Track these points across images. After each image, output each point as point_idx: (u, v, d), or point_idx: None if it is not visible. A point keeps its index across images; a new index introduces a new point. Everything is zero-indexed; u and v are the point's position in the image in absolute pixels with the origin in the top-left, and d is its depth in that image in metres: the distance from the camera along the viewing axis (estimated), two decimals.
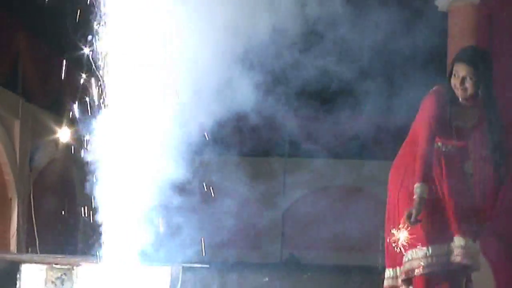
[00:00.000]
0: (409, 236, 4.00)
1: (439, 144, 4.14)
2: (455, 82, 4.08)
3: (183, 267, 5.01)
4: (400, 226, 4.01)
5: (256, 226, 10.95)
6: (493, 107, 4.14)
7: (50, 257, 5.21)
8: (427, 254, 4.01)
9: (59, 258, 5.16)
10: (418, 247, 4.04)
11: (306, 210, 11.31)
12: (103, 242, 5.03)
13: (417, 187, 3.99)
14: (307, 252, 11.19)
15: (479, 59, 4.08)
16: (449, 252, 4.03)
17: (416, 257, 4.03)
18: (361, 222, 11.19)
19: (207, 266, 5.74)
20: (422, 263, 3.99)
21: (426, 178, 4.02)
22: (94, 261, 4.80)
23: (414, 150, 4.18)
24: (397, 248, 4.04)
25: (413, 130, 4.29)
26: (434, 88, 4.18)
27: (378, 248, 10.46)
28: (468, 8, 7.07)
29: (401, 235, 4.00)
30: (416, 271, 4.00)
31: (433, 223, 4.06)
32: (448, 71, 4.17)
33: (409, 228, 3.99)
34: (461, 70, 4.05)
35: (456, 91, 4.08)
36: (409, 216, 3.97)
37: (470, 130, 4.16)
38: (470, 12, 7.07)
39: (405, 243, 4.04)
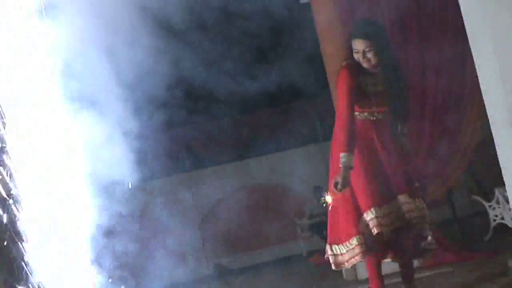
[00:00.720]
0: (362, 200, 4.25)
1: (366, 114, 4.42)
2: (357, 56, 4.39)
3: None
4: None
5: (175, 245, 11.02)
6: (394, 69, 4.46)
7: None
8: (380, 214, 4.26)
9: None
10: (365, 213, 4.29)
11: (222, 216, 11.47)
12: None
13: (342, 156, 4.23)
14: (232, 257, 11.37)
15: (371, 30, 4.41)
16: (398, 210, 4.30)
17: (370, 219, 4.28)
18: (275, 213, 11.52)
19: None
20: (377, 223, 4.25)
21: (351, 148, 4.27)
22: None
23: None
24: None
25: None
26: (343, 64, 4.46)
27: (298, 236, 10.87)
28: None
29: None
30: (375, 230, 4.25)
31: (380, 186, 4.32)
32: (348, 48, 4.47)
33: (361, 191, 4.26)
34: (359, 45, 4.37)
35: (361, 64, 4.39)
36: (335, 184, 4.24)
37: (384, 93, 4.46)
38: None
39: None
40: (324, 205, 4.42)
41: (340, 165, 4.25)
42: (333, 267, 4.61)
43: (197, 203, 11.65)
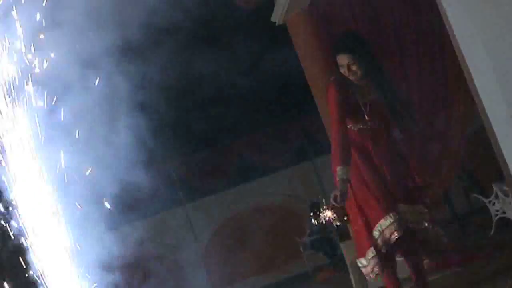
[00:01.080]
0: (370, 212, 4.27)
1: (359, 125, 4.45)
2: (343, 70, 4.43)
3: None
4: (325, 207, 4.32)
5: (180, 276, 11.01)
6: (381, 78, 4.49)
7: None
8: (393, 220, 4.28)
9: None
10: (382, 219, 4.30)
11: (223, 244, 11.46)
12: None
13: (338, 170, 4.26)
14: (238, 283, 11.34)
15: (353, 44, 4.44)
16: (400, 218, 4.32)
17: (386, 227, 4.29)
18: (277, 235, 11.52)
19: None
20: (393, 229, 4.26)
21: (346, 161, 4.29)
22: None
23: None
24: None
25: None
26: (330, 79, 4.49)
27: (300, 253, 10.85)
28: (301, 15, 7.44)
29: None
30: (392, 237, 4.26)
31: (384, 194, 4.33)
32: (333, 63, 4.51)
33: (365, 204, 4.28)
34: (342, 60, 4.40)
35: (348, 77, 4.43)
36: (335, 198, 4.26)
37: (374, 103, 4.49)
38: (304, 18, 7.44)
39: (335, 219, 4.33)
40: (324, 220, 4.45)
41: (337, 179, 4.28)
42: (366, 277, 4.66)
43: (197, 235, 11.66)
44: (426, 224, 4.45)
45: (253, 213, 11.94)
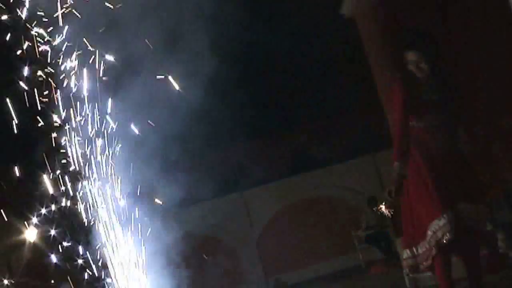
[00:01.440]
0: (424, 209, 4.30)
1: (422, 122, 4.47)
2: (411, 68, 4.47)
3: None
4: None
5: (233, 264, 11.16)
6: (447, 76, 4.52)
7: None
8: (447, 221, 4.28)
9: None
10: (437, 218, 4.32)
11: (278, 232, 11.56)
12: None
13: (395, 165, 4.31)
14: (291, 272, 11.43)
15: (421, 41, 4.48)
16: (458, 217, 4.32)
17: (439, 227, 4.31)
18: (332, 226, 11.57)
19: None
20: (446, 230, 4.27)
21: (404, 156, 4.34)
22: None
23: None
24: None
25: None
26: (397, 76, 4.53)
27: (354, 247, 10.87)
28: (371, 9, 7.45)
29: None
30: (444, 238, 4.27)
31: (442, 194, 4.35)
32: (400, 60, 4.55)
33: (417, 202, 4.31)
34: (411, 57, 4.43)
35: (415, 74, 4.46)
36: (389, 193, 4.31)
37: (439, 101, 4.50)
38: (374, 12, 7.44)
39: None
40: (380, 214, 4.48)
41: (394, 174, 4.31)
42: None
43: (253, 221, 11.78)
44: (486, 224, 4.44)
45: (310, 203, 11.99)
